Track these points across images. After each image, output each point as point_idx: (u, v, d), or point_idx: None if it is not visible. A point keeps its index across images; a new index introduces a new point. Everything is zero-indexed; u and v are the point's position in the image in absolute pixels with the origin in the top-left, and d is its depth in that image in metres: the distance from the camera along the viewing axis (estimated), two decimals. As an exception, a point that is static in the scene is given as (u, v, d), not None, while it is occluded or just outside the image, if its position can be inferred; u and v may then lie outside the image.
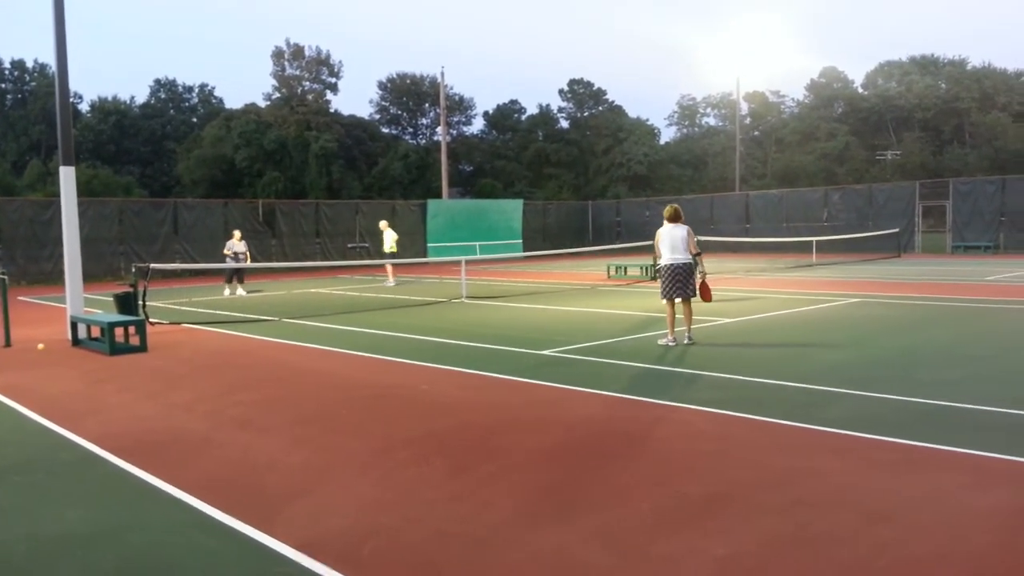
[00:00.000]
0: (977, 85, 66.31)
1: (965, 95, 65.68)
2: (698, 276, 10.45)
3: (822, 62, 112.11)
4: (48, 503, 4.93)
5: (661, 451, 5.73)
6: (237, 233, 21.22)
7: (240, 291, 20.24)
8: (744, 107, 69.46)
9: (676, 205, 10.69)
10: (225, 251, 20.83)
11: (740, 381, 8.00)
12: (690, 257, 10.34)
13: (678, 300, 10.41)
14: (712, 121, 78.10)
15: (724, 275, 21.93)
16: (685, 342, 10.32)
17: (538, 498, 4.77)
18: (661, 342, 10.39)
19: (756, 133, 73.03)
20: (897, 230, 32.33)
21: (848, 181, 54.14)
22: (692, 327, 10.58)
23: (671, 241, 10.33)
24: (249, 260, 20.90)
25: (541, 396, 7.63)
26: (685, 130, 78.70)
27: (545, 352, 10.03)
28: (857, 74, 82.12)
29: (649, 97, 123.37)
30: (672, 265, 10.31)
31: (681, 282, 10.28)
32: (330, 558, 3.93)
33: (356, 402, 7.55)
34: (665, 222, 10.49)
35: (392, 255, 22.62)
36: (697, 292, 10.41)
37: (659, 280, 10.66)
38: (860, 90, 73.23)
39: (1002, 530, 4.16)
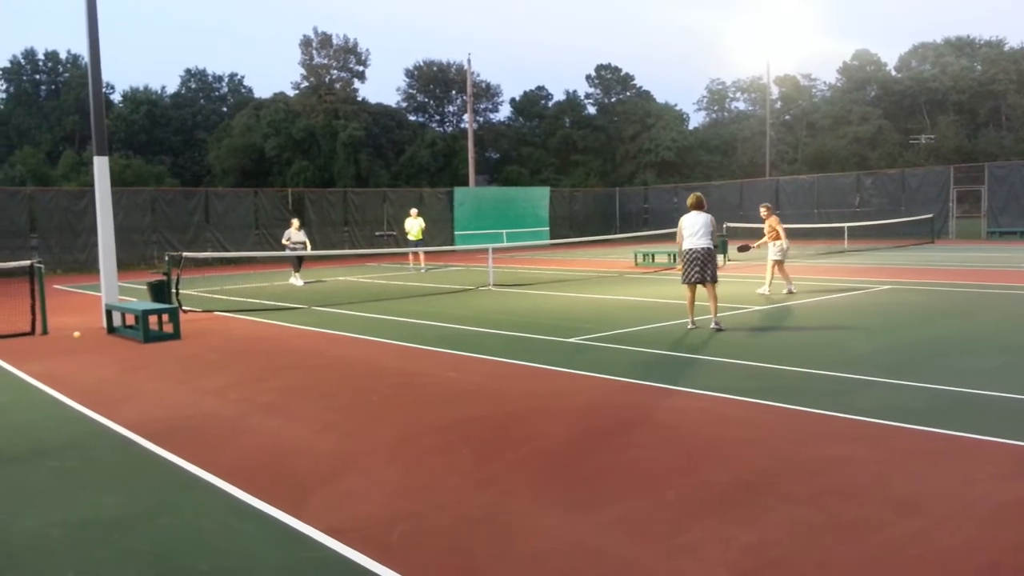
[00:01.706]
0: (1015, 66, 64.76)
1: (1002, 77, 64.22)
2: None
3: (855, 44, 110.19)
4: (84, 488, 5.04)
5: (688, 439, 5.72)
6: (295, 222, 20.30)
7: (293, 280, 19.71)
8: (774, 91, 68.62)
9: (699, 194, 10.81)
10: (284, 240, 20.04)
11: (769, 369, 7.94)
12: (711, 243, 10.40)
13: (700, 285, 10.45)
14: (742, 106, 77.19)
15: (753, 262, 21.73)
16: (712, 327, 10.29)
17: (563, 486, 4.79)
18: (689, 327, 10.47)
19: (787, 117, 72.04)
20: (931, 216, 31.78)
21: (881, 166, 53.28)
22: (719, 314, 10.51)
23: (692, 227, 10.40)
24: (309, 248, 20.17)
25: (568, 384, 7.64)
26: (714, 115, 77.84)
27: (572, 340, 10.03)
28: (890, 56, 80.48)
29: (677, 82, 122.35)
30: (692, 250, 10.37)
31: (700, 266, 10.33)
32: (359, 543, 3.98)
33: (384, 389, 7.61)
34: (689, 210, 10.57)
35: (417, 242, 23.05)
36: (717, 277, 10.45)
37: (680, 265, 10.72)
38: (893, 73, 71.92)
39: (1035, 520, 4.10)
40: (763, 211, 14.33)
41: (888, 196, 35.27)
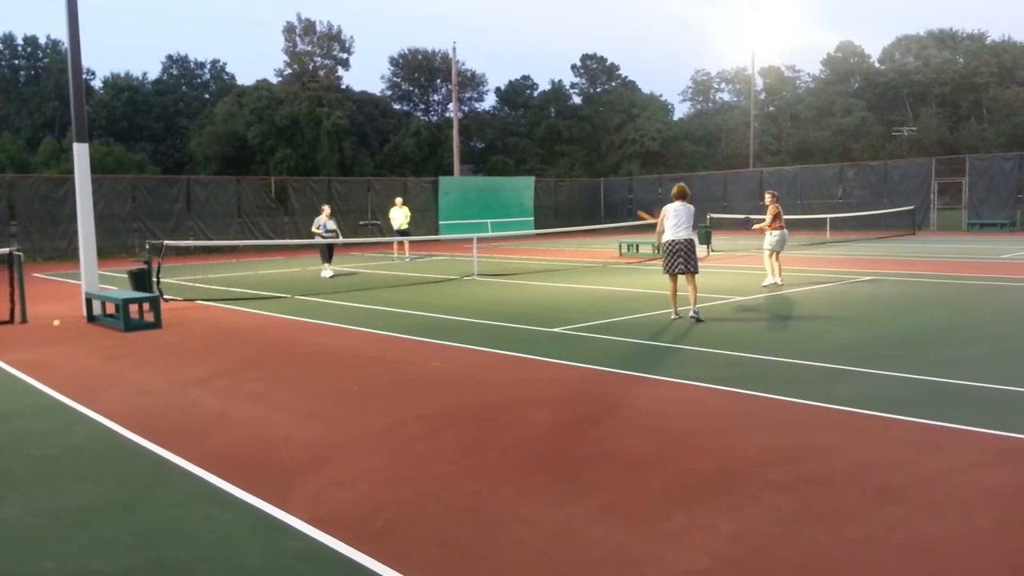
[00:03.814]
0: (996, 59, 65.39)
1: (984, 70, 64.79)
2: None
3: (838, 36, 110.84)
4: (64, 477, 5.00)
5: (671, 428, 5.75)
6: (326, 208, 18.99)
7: (327, 272, 18.25)
8: (759, 82, 68.79)
9: (683, 184, 10.87)
10: (314, 228, 18.63)
11: (751, 359, 7.99)
12: (692, 234, 10.51)
13: (681, 276, 10.52)
14: (726, 96, 77.42)
15: (737, 252, 21.86)
16: (691, 315, 10.37)
17: (548, 474, 4.80)
18: (672, 317, 10.51)
19: (771, 109, 72.32)
20: (912, 207, 32.03)
21: (863, 157, 53.62)
22: (698, 304, 10.57)
23: (676, 218, 10.45)
24: (340, 236, 18.87)
25: (551, 373, 7.65)
26: (699, 106, 78.02)
27: (556, 329, 10.04)
28: (874, 49, 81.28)
29: (663, 72, 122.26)
30: (675, 241, 10.43)
31: (684, 257, 10.40)
32: (343, 532, 3.97)
33: (368, 378, 7.59)
34: (673, 200, 10.58)
35: (404, 232, 22.95)
36: (698, 268, 10.53)
37: (662, 256, 10.73)
38: (877, 65, 72.33)
39: (1014, 509, 4.16)
40: (768, 198, 14.37)
41: (870, 188, 35.49)
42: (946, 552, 3.65)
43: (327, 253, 18.44)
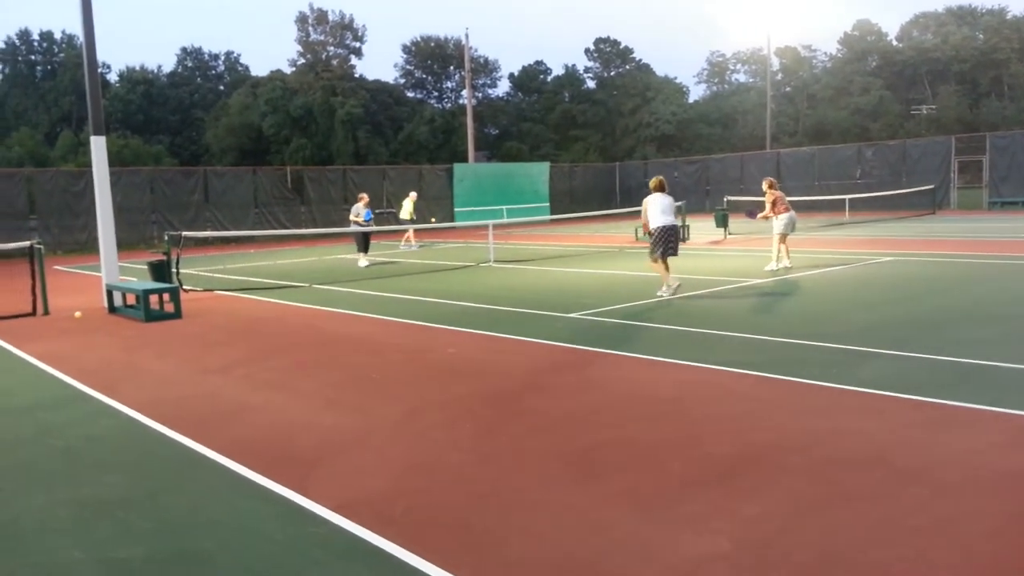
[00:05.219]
0: (1017, 35, 64.31)
1: (1004, 46, 63.79)
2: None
3: (855, 15, 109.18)
4: (88, 467, 5.07)
5: (690, 412, 5.73)
6: (365, 197, 18.39)
7: (362, 261, 17.99)
8: (775, 62, 68.14)
9: (661, 177, 11.81)
10: (352, 217, 18.16)
11: (769, 342, 7.95)
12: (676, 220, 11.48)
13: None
14: (742, 78, 76.76)
15: (754, 235, 21.70)
16: (661, 294, 11.15)
17: (566, 459, 4.81)
18: (663, 293, 11.12)
19: (787, 89, 71.60)
20: (932, 186, 31.62)
21: (882, 137, 52.98)
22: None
23: (661, 207, 11.24)
24: (373, 225, 18.52)
25: (568, 359, 7.65)
26: (714, 88, 77.40)
27: (572, 315, 10.03)
28: (891, 26, 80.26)
29: (677, 55, 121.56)
30: (667, 227, 11.17)
31: (675, 241, 11.28)
32: (363, 518, 4.00)
33: (387, 366, 7.63)
34: (653, 192, 11.31)
35: (410, 220, 23.04)
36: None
37: (650, 241, 11.36)
38: (894, 43, 71.42)
39: (1036, 489, 4.12)
40: (764, 185, 14.28)
41: (889, 167, 35.06)
42: (966, 534, 3.62)
43: (364, 242, 18.09)
